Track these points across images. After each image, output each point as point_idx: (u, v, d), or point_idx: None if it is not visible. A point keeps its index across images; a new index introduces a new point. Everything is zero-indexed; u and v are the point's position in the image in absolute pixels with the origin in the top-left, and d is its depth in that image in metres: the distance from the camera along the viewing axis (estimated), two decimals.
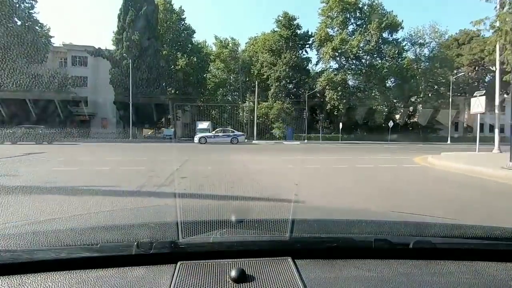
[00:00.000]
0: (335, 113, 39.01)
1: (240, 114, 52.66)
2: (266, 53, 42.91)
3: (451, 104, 42.05)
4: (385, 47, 39.05)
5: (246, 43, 52.59)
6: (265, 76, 42.33)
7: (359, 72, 40.36)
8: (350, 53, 37.88)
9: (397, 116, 45.34)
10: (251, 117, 43.77)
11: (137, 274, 0.70)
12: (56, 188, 5.33)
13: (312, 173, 8.44)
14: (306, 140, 34.07)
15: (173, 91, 45.26)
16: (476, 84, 44.77)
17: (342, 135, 36.26)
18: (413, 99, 44.00)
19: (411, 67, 38.20)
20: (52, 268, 0.71)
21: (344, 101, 38.16)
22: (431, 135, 42.76)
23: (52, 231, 0.99)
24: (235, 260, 0.74)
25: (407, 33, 41.62)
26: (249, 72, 47.18)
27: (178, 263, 0.73)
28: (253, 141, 35.20)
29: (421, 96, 43.14)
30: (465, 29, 46.84)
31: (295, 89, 44.44)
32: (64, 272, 0.70)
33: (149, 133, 50.63)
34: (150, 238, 0.78)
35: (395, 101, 39.49)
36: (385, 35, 38.43)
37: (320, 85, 39.11)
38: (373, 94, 39.25)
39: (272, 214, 1.49)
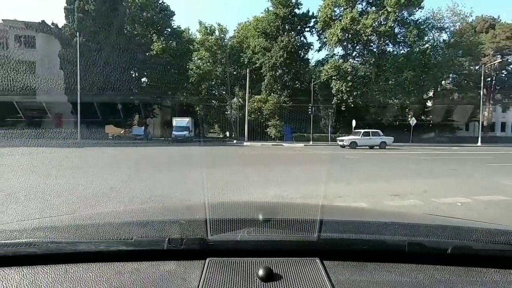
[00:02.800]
0: (343, 108, 31.09)
1: (228, 111, 44.45)
2: (258, 37, 34.64)
3: (469, 100, 35.20)
4: (402, 30, 31.34)
5: (235, 30, 44.42)
6: (257, 64, 34.10)
7: (371, 60, 32.51)
8: (363, 35, 29.98)
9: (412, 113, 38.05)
10: (241, 114, 35.65)
11: (169, 268, 0.71)
12: None
13: None
14: (311, 142, 25.96)
15: (147, 82, 36.54)
16: (500, 75, 37.79)
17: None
18: (430, 93, 36.62)
19: (435, 54, 30.55)
20: (93, 259, 0.73)
21: (355, 93, 30.30)
22: (449, 134, 35.54)
23: (92, 225, 1.06)
24: (263, 259, 0.72)
25: (424, 16, 34.11)
26: (238, 62, 38.93)
27: (207, 260, 0.73)
28: (245, 143, 26.85)
29: (440, 89, 35.78)
30: (482, 15, 39.97)
31: (293, 80, 36.40)
32: (103, 263, 0.72)
33: (121, 132, 40.99)
34: (180, 234, 0.77)
35: (413, 94, 31.74)
36: (403, 14, 30.67)
37: (325, 74, 31.09)
38: (388, 86, 31.46)
39: (300, 213, 1.41)
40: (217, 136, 56.31)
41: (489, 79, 38.24)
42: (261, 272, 0.66)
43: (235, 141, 30.93)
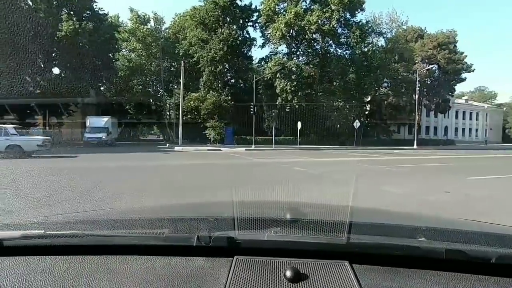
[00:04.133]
0: (287, 109, 28.56)
1: (164, 110, 39.03)
2: (196, 27, 30.30)
3: (403, 104, 36.15)
4: (345, 31, 30.15)
5: (171, 21, 39.24)
6: (195, 58, 29.68)
7: (315, 60, 30.68)
8: (307, 32, 27.81)
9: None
10: (178, 114, 30.83)
11: (198, 264, 0.71)
12: None
13: None
14: (253, 146, 22.58)
15: (60, 73, 29.34)
16: (428, 82, 39.66)
17: (300, 138, 25.79)
18: (368, 98, 36.53)
19: (375, 58, 29.91)
20: (127, 252, 0.75)
21: (299, 94, 27.99)
22: (386, 137, 35.86)
23: (128, 220, 1.12)
24: (290, 259, 0.71)
25: (365, 19, 33.74)
26: (174, 55, 34.01)
27: (235, 257, 0.72)
28: (176, 147, 22.28)
29: (378, 93, 35.86)
30: (412, 26, 41.77)
31: (236, 78, 32.91)
32: (137, 256, 0.74)
33: None
34: (209, 231, 0.77)
35: (356, 97, 30.78)
36: (346, 15, 29.44)
37: (269, 72, 28.18)
38: (332, 88, 29.93)
39: (328, 215, 1.37)
40: (157, 139, 50.04)
41: (418, 85, 39.98)
42: (288, 273, 0.64)
43: (167, 145, 26.08)
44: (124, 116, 38.37)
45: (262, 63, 32.69)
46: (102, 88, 36.84)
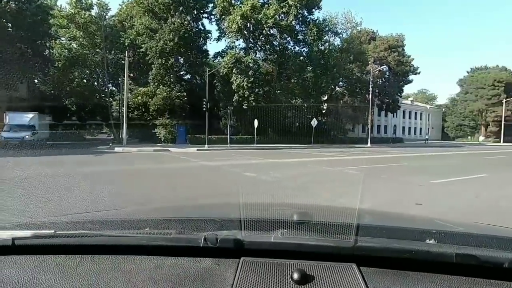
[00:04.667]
0: (245, 106, 27.09)
1: (110, 106, 35.14)
2: (144, 14, 27.33)
3: (358, 104, 37.02)
4: (303, 28, 29.50)
5: (118, 8, 35.38)
6: (143, 49, 26.77)
7: (273, 56, 29.60)
8: (264, 27, 26.57)
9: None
10: (122, 110, 27.68)
11: (205, 265, 0.71)
12: None
13: None
14: (206, 146, 20.68)
15: None
16: (379, 83, 41.04)
17: (257, 137, 24.49)
18: (325, 97, 36.62)
19: (333, 55, 29.73)
20: (135, 252, 0.76)
21: (257, 90, 26.67)
22: (342, 136, 36.28)
23: (136, 220, 1.13)
24: (297, 261, 0.71)
25: (322, 17, 33.49)
26: (121, 45, 30.52)
27: (241, 259, 0.72)
28: (117, 148, 19.51)
29: (334, 92, 36.10)
30: (365, 28, 43.00)
31: (191, 73, 30.56)
32: (145, 256, 0.74)
33: None
34: (216, 233, 0.77)
35: (313, 96, 30.37)
36: (304, 12, 28.76)
37: (224, 67, 26.40)
38: (290, 85, 29.12)
39: (335, 217, 1.36)
40: (106, 138, 45.19)
41: (371, 85, 41.25)
42: (295, 275, 0.64)
43: (110, 145, 23.01)
44: (63, 113, 33.82)
45: (219, 58, 30.78)
46: (36, 81, 32.00)
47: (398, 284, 0.65)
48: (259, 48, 30.30)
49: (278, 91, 29.07)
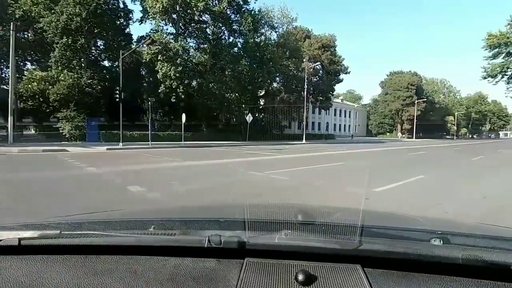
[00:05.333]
0: (173, 99, 23.92)
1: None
2: None
3: (293, 100, 36.91)
4: (237, 17, 27.43)
5: None
6: (41, 24, 21.31)
7: (206, 45, 26.91)
8: (195, 11, 23.67)
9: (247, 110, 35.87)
10: (21, 99, 21.82)
11: (208, 265, 0.71)
12: None
13: None
14: (121, 144, 17.07)
15: None
16: (314, 80, 41.68)
17: (186, 134, 21.66)
18: (262, 92, 35.42)
19: (269, 49, 28.39)
20: (139, 252, 0.75)
21: (186, 82, 23.73)
22: (278, 132, 35.68)
23: (141, 221, 1.14)
24: (301, 262, 0.70)
25: (258, 9, 31.94)
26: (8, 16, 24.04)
27: (245, 259, 0.71)
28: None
29: (271, 88, 35.13)
30: (300, 25, 43.24)
31: (109, 59, 25.81)
32: (149, 257, 0.74)
33: None
34: (220, 233, 0.75)
35: (249, 90, 28.66)
36: (239, 1, 26.66)
37: (148, 53, 22.77)
38: (224, 78, 26.85)
39: (339, 218, 1.37)
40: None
41: (307, 82, 41.69)
42: (299, 275, 0.63)
43: None
44: None
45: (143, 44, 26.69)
46: None
47: (403, 286, 0.64)
48: (190, 34, 27.24)
49: (212, 84, 26.51)
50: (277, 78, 37.04)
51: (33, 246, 0.78)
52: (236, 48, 27.17)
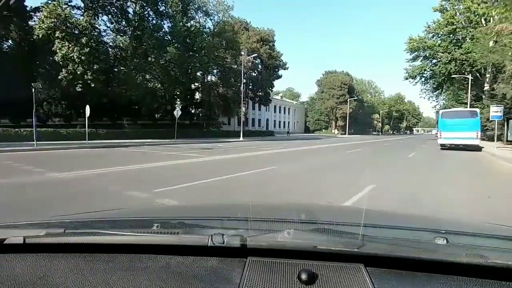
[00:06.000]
0: (79, 88, 19.19)
1: None
2: None
3: (231, 95, 34.48)
4: None
5: None
6: None
7: (127, 27, 22.53)
8: None
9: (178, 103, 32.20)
10: None
11: (211, 264, 0.71)
12: None
13: None
14: None
15: None
16: (254, 74, 39.89)
17: (99, 131, 17.37)
18: (199, 86, 32.15)
19: (203, 37, 25.27)
20: (142, 251, 0.75)
21: (96, 67, 19.23)
22: (215, 129, 32.97)
23: (144, 220, 1.15)
24: (304, 261, 0.69)
25: None
26: None
27: (248, 258, 0.70)
28: None
29: (207, 81, 32.09)
30: (238, 17, 40.99)
31: None
32: (152, 255, 0.74)
33: None
34: (222, 232, 0.75)
35: (180, 81, 25.15)
36: None
37: (41, 27, 17.66)
38: (147, 65, 22.89)
39: (342, 217, 1.35)
40: None
41: (245, 76, 39.64)
42: (302, 274, 0.62)
43: None
44: None
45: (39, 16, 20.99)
46: None
47: (406, 285, 0.63)
48: (105, 12, 22.49)
49: (134, 72, 22.34)
50: (214, 71, 34.22)
51: (37, 244, 0.78)
52: (162, 32, 23.35)
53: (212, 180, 6.15)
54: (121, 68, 22.06)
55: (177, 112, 21.03)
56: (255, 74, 40.69)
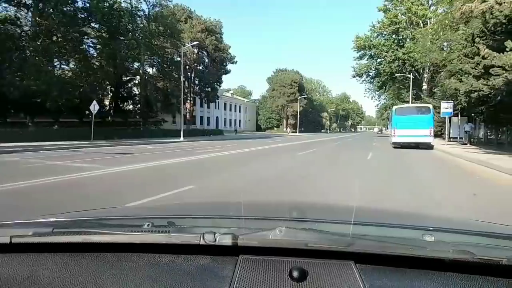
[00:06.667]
0: None
1: None
2: None
3: (172, 90, 30.41)
4: None
5: None
6: None
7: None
8: None
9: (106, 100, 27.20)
10: None
11: (203, 262, 0.70)
12: None
13: None
14: None
15: None
16: (199, 68, 36.20)
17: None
18: (130, 76, 27.48)
19: (129, 17, 20.93)
20: (132, 250, 0.73)
21: None
22: (153, 128, 28.70)
23: (134, 218, 1.13)
24: (295, 258, 0.69)
25: None
26: None
27: (240, 256, 0.70)
28: None
29: (144, 72, 27.62)
30: (181, 4, 36.89)
31: None
32: (142, 254, 0.72)
33: None
34: (214, 230, 0.74)
35: (105, 70, 20.50)
36: None
37: None
38: (53, 46, 17.93)
39: (333, 215, 1.36)
40: None
41: (189, 71, 35.68)
42: (293, 272, 0.63)
43: None
44: None
45: None
46: None
47: (395, 281, 0.64)
48: None
49: (35, 55, 17.21)
50: (154, 63, 29.80)
51: (25, 244, 0.76)
52: (72, 7, 18.50)
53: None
54: (16, 50, 16.78)
55: (94, 108, 16.61)
56: (201, 68, 37.02)
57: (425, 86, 32.93)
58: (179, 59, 30.10)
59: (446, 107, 15.61)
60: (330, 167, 8.82)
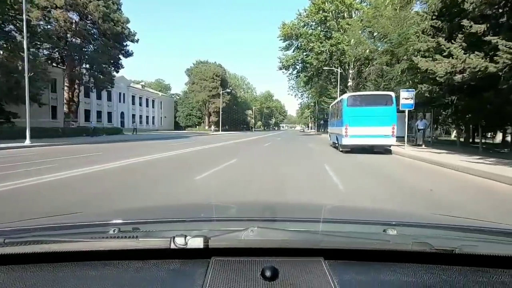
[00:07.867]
0: None
1: None
2: None
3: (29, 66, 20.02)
4: None
5: None
6: None
7: None
8: None
9: None
10: None
11: (174, 267, 0.69)
12: None
13: None
14: None
15: None
16: (85, 46, 26.11)
17: None
18: None
19: None
20: (97, 257, 0.69)
21: None
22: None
23: (98, 224, 1.07)
24: (267, 258, 0.69)
25: None
26: None
27: (212, 258, 0.70)
28: None
29: None
30: None
31: None
32: (108, 261, 0.69)
33: None
34: (185, 233, 0.72)
35: None
36: None
37: None
38: None
39: (303, 213, 1.38)
40: None
41: (66, 45, 25.37)
42: (265, 271, 0.63)
43: None
44: None
45: None
46: None
47: (362, 274, 0.66)
48: None
49: None
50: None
51: None
52: None
53: None
54: None
55: None
56: (86, 45, 26.95)
57: (350, 83, 31.10)
58: (41, 23, 20.22)
59: (406, 97, 11.69)
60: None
